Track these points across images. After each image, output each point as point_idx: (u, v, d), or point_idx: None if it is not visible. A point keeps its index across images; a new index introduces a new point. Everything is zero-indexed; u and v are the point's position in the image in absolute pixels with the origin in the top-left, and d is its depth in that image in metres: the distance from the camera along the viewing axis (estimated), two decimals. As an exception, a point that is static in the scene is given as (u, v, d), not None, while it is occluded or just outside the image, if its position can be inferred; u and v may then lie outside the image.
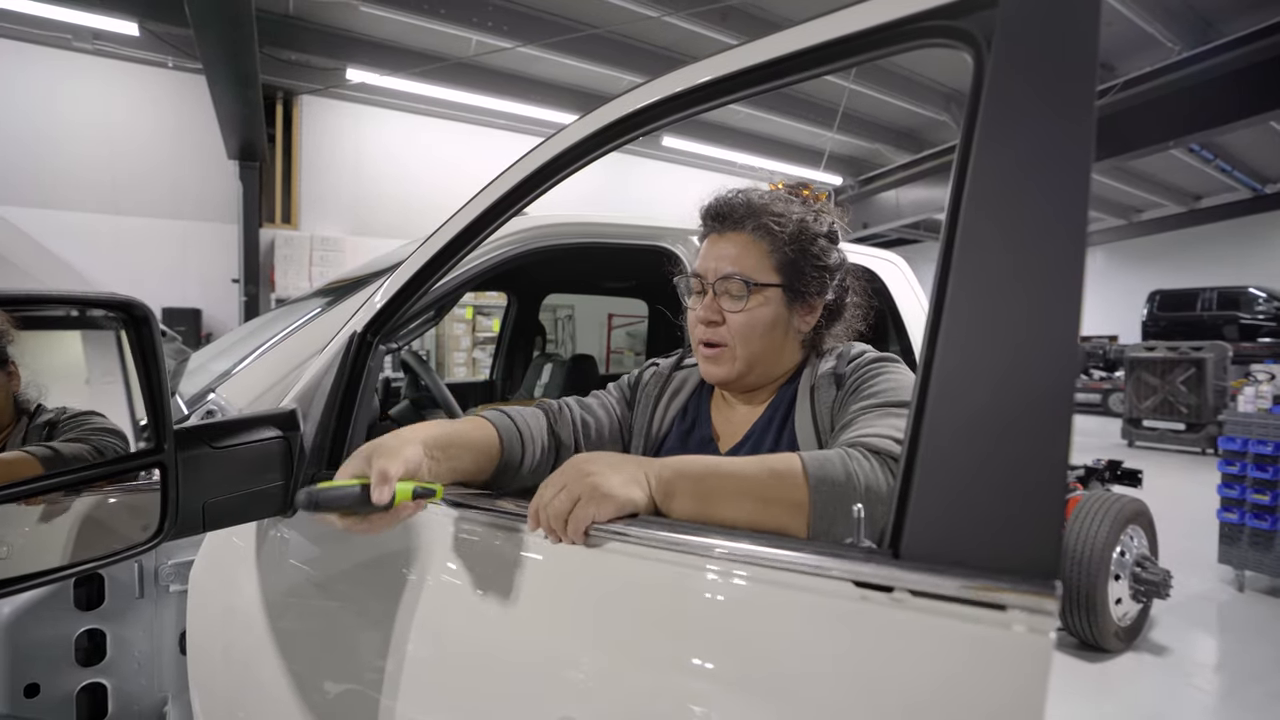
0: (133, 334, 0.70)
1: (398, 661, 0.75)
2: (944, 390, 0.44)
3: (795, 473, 0.59)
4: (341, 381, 0.94)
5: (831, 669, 0.44)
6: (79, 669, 0.98)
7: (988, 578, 0.39)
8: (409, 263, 0.94)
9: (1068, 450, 0.39)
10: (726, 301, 0.82)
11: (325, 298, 1.50)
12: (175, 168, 5.30)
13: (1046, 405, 0.40)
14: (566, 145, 0.80)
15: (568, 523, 0.57)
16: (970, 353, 0.44)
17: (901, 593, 0.42)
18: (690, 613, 0.52)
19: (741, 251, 0.83)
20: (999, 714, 0.37)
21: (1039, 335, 0.41)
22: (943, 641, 0.40)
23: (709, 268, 0.84)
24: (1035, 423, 0.40)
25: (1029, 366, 0.41)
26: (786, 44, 0.61)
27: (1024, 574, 0.38)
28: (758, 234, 0.83)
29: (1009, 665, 0.38)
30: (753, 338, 0.82)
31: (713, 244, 0.86)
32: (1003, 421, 0.41)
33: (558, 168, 0.81)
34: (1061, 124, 0.45)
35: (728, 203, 0.86)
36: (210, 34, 3.37)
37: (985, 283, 0.44)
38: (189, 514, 0.78)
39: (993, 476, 0.41)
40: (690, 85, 0.69)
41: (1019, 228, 0.44)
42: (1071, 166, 0.43)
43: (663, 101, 0.72)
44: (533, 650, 0.61)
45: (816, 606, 0.46)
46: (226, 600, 1.00)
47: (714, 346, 0.84)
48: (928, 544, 0.42)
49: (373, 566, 0.84)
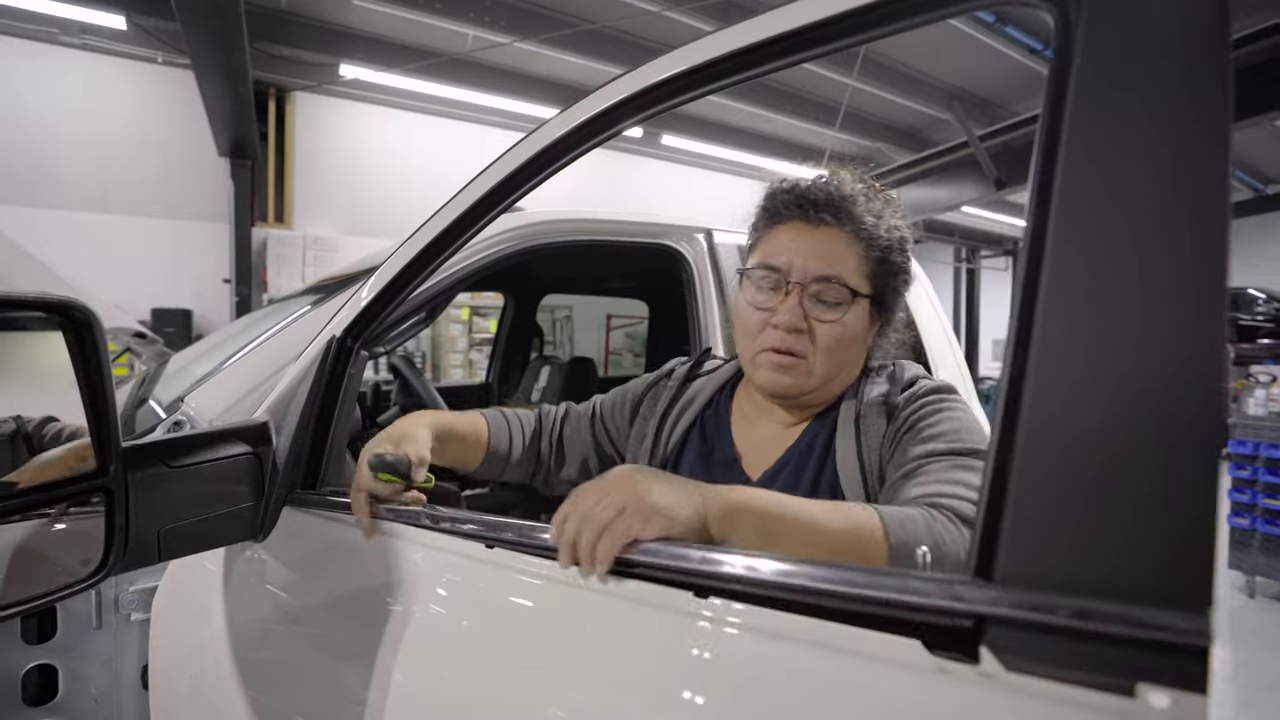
0: (73, 339, 0.62)
1: (380, 698, 0.66)
2: (1040, 416, 0.35)
3: (875, 530, 0.51)
4: (319, 390, 0.85)
5: None
6: (26, 709, 0.89)
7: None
8: (390, 263, 0.86)
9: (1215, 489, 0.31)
10: (817, 307, 0.71)
11: (315, 295, 1.42)
12: (165, 165, 5.20)
13: (1182, 434, 0.32)
14: (559, 134, 0.72)
15: (601, 538, 0.48)
16: (1078, 370, 0.35)
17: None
18: (686, 657, 0.43)
19: (840, 252, 0.71)
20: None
21: (1171, 335, 0.33)
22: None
23: (795, 264, 0.71)
24: (1170, 461, 0.31)
25: (1158, 380, 0.33)
26: (828, 6, 0.52)
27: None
28: (855, 234, 0.72)
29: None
30: (839, 353, 0.71)
31: (799, 235, 0.73)
32: (1122, 461, 0.33)
33: (550, 159, 0.74)
34: (1184, 90, 0.36)
35: (820, 190, 0.74)
36: (197, 27, 3.27)
37: (1099, 277, 0.36)
38: (142, 542, 0.69)
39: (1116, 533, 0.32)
40: (731, 49, 0.60)
41: (1131, 220, 0.36)
42: (1202, 138, 0.35)
43: (710, 62, 0.62)
44: (518, 684, 0.54)
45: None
46: (194, 630, 0.91)
47: (787, 354, 0.71)
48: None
49: (351, 594, 0.76)
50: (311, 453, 0.84)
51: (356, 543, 0.74)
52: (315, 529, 0.81)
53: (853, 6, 0.50)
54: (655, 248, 1.63)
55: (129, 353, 2.20)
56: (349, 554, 0.76)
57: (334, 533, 0.78)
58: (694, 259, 1.62)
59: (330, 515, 0.79)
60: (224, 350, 1.33)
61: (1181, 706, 0.29)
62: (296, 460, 0.83)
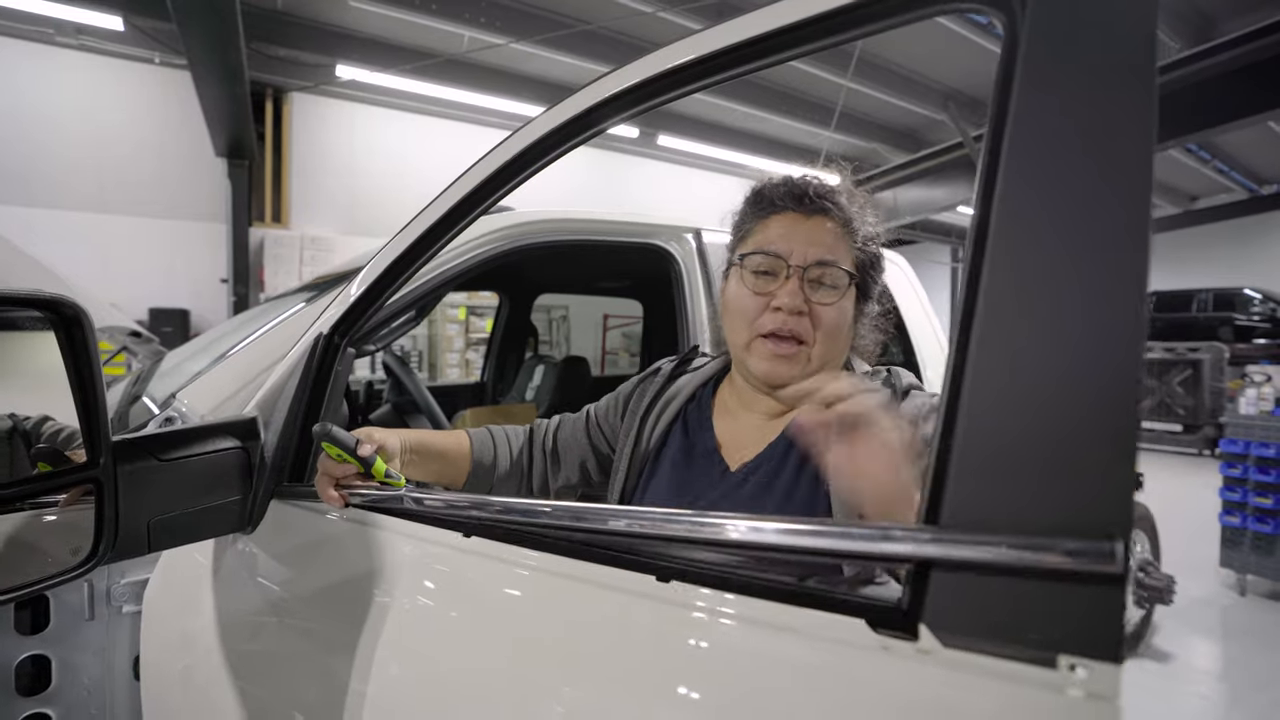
0: (63, 336, 0.63)
1: (366, 687, 0.68)
2: (977, 407, 0.37)
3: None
4: (306, 386, 0.87)
5: None
6: (20, 699, 0.91)
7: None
8: (376, 260, 0.87)
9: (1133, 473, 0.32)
10: (818, 290, 0.72)
11: (308, 293, 1.44)
12: (162, 165, 5.21)
13: (1100, 423, 0.34)
14: (538, 136, 0.74)
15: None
16: (1011, 362, 0.37)
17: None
18: (682, 664, 0.45)
19: (834, 239, 0.74)
20: None
21: (1095, 333, 0.35)
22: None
23: (793, 250, 0.73)
24: (1090, 450, 0.33)
25: (1082, 373, 0.35)
26: (795, 11, 0.54)
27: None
28: (843, 226, 0.75)
29: None
30: (838, 336, 0.74)
31: (796, 223, 0.75)
32: (1055, 446, 0.35)
33: (530, 160, 0.76)
34: (1115, 94, 0.38)
35: (809, 184, 0.77)
36: (194, 27, 3.28)
37: (1032, 282, 0.38)
38: (132, 533, 0.71)
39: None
40: (713, 50, 0.62)
41: (1068, 216, 0.38)
42: (1128, 140, 0.37)
43: (689, 63, 0.64)
44: (505, 674, 0.55)
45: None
46: (185, 622, 0.93)
47: (788, 341, 0.72)
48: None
49: (341, 586, 0.78)
50: (299, 447, 0.86)
51: (342, 534, 0.76)
52: (302, 521, 0.83)
53: (809, 15, 0.52)
54: (645, 247, 1.64)
55: (125, 352, 2.22)
56: (335, 545, 0.77)
57: (320, 525, 0.80)
58: (683, 258, 1.64)
59: (317, 508, 0.80)
60: (217, 348, 1.34)
61: (1096, 676, 0.31)
62: (284, 455, 0.85)
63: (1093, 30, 0.40)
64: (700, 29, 0.63)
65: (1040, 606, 0.33)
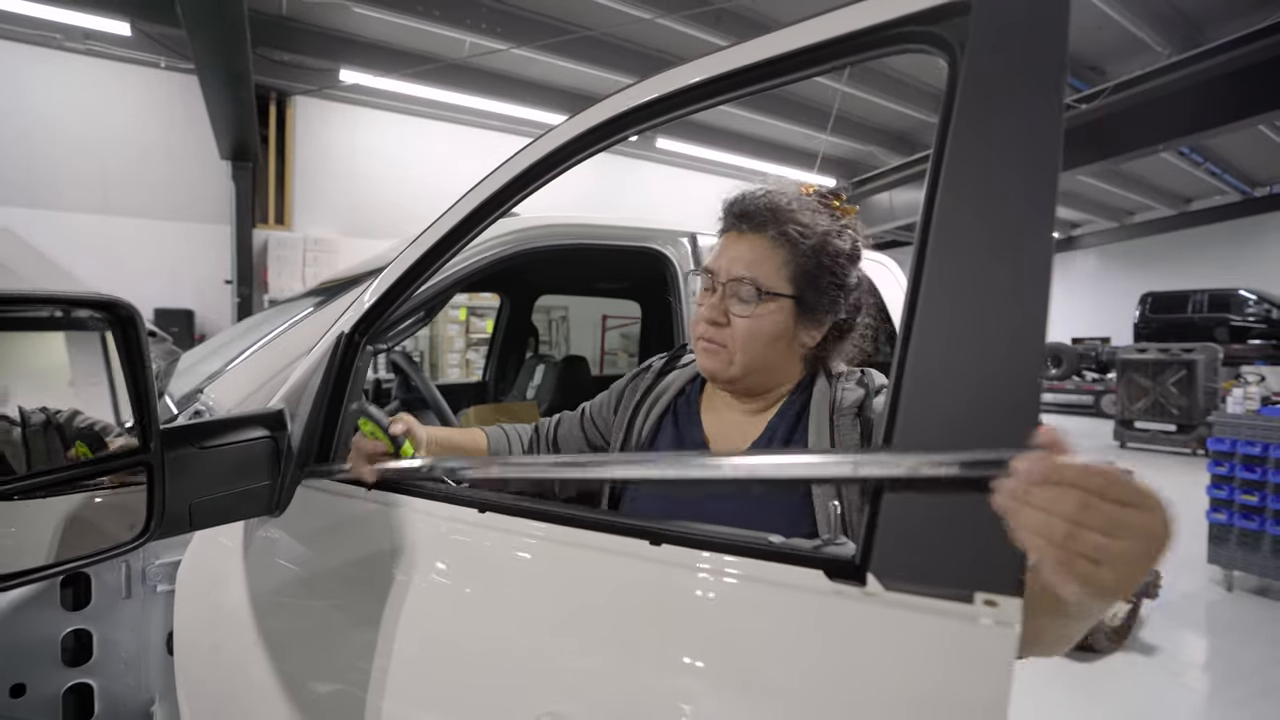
0: (118, 334, 0.71)
1: (387, 659, 0.75)
2: (919, 389, 0.45)
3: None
4: (329, 381, 0.94)
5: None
6: (65, 669, 0.98)
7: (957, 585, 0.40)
8: (397, 263, 0.94)
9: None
10: (734, 304, 0.80)
11: (317, 298, 1.50)
12: (167, 168, 5.28)
13: (1016, 399, 0.41)
14: (556, 145, 0.80)
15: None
16: (945, 350, 0.44)
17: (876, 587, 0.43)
18: (677, 611, 0.52)
19: (758, 256, 0.80)
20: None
21: (1009, 329, 0.42)
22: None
23: (721, 266, 0.81)
24: (1005, 416, 0.41)
25: (1000, 361, 0.42)
26: (772, 47, 0.62)
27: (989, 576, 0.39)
28: (777, 241, 0.80)
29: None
30: (754, 345, 0.80)
31: (730, 243, 0.83)
32: (974, 418, 0.42)
33: (547, 167, 0.81)
34: (1031, 125, 0.46)
35: (753, 201, 0.82)
36: (203, 34, 3.36)
37: (959, 280, 0.45)
38: (175, 513, 0.78)
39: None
40: (678, 87, 0.70)
41: (990, 227, 0.45)
42: (1040, 167, 0.44)
43: (651, 103, 0.72)
44: (520, 647, 0.62)
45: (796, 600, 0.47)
46: (214, 600, 1.00)
47: (712, 342, 0.82)
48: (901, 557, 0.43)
49: (361, 565, 0.85)
50: (322, 437, 0.93)
51: (362, 516, 0.84)
52: (326, 505, 0.90)
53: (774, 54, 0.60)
54: (642, 250, 1.71)
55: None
56: (358, 525, 0.85)
57: (343, 508, 0.87)
58: (678, 261, 1.71)
59: (340, 491, 0.88)
60: (230, 350, 1.41)
61: (1003, 608, 0.38)
62: (309, 444, 0.92)
63: (1014, 72, 0.48)
64: (701, 36, 0.70)
65: (961, 556, 0.41)
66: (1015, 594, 0.38)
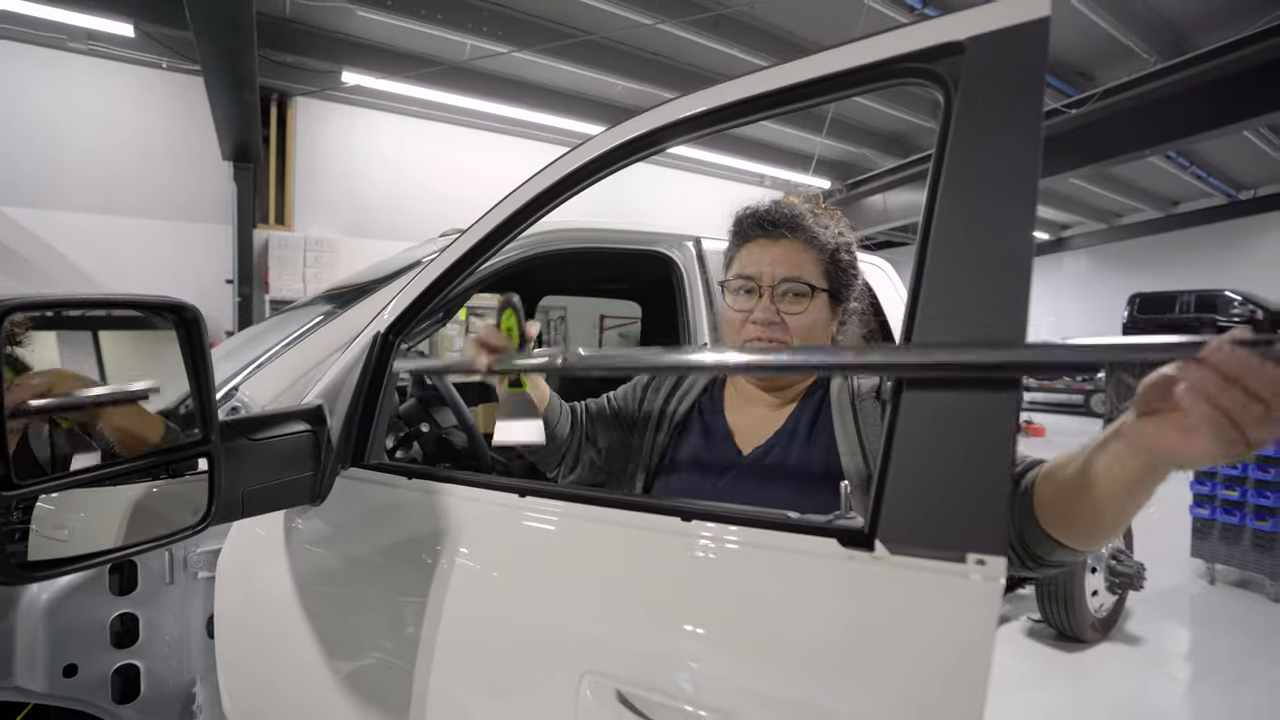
0: (183, 333, 0.77)
1: (413, 640, 0.81)
2: (916, 387, 0.52)
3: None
4: (365, 379, 1.00)
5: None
6: (113, 651, 1.04)
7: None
8: (433, 267, 1.00)
9: (1014, 436, 0.47)
10: (786, 303, 0.87)
11: (329, 304, 1.54)
12: (169, 169, 5.31)
13: (997, 392, 0.48)
14: (591, 156, 0.84)
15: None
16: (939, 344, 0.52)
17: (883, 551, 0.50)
18: (706, 577, 0.59)
19: (799, 259, 0.88)
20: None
21: (995, 326, 0.49)
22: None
23: (764, 271, 0.88)
24: (988, 408, 0.48)
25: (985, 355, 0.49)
26: (784, 77, 0.69)
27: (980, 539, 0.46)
28: (808, 244, 0.88)
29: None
30: (810, 339, 0.87)
31: (762, 249, 0.89)
32: (961, 409, 0.49)
33: (580, 177, 0.85)
34: (1014, 150, 0.53)
35: (775, 211, 0.90)
36: (210, 38, 3.39)
37: (953, 283, 0.52)
38: (230, 501, 0.84)
39: (954, 459, 0.49)
40: (704, 109, 0.76)
41: (980, 236, 0.53)
42: (1022, 185, 0.52)
43: (680, 121, 0.77)
44: (561, 616, 0.68)
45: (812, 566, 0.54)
46: (252, 586, 1.06)
47: (772, 342, 0.86)
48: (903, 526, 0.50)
49: (391, 552, 0.91)
50: (360, 432, 0.99)
51: (397, 505, 0.90)
52: (365, 494, 0.96)
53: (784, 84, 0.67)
54: (649, 254, 1.78)
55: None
56: (400, 513, 0.91)
57: (382, 496, 0.94)
58: (684, 264, 1.78)
59: (380, 482, 0.94)
60: (243, 354, 1.42)
61: (990, 565, 0.46)
62: (348, 438, 0.98)
63: (1001, 104, 0.55)
64: (696, 38, 0.77)
65: (954, 523, 0.48)
66: (999, 554, 0.46)
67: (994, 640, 0.44)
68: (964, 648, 0.45)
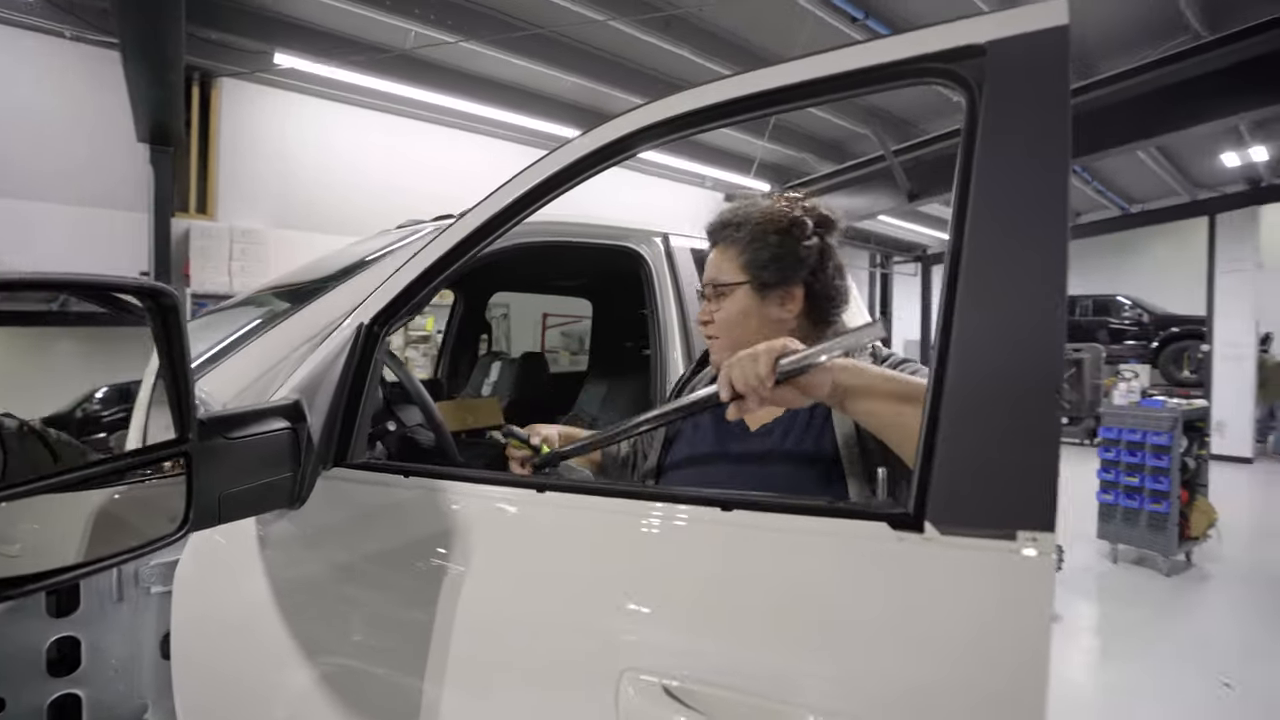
0: (158, 322, 0.69)
1: (396, 663, 0.77)
2: (957, 375, 0.54)
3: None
4: (349, 372, 0.94)
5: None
6: (50, 680, 0.93)
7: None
8: (417, 260, 0.96)
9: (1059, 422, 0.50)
10: (715, 303, 1.00)
11: (282, 301, 1.44)
12: (75, 148, 4.78)
13: (1038, 381, 0.51)
14: (579, 155, 0.86)
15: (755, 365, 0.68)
16: (977, 344, 0.54)
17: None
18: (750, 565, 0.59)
19: (715, 261, 1.01)
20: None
21: (1032, 321, 0.52)
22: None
23: (705, 277, 1.03)
24: (1032, 398, 0.51)
25: (1024, 350, 0.52)
26: (809, 71, 0.70)
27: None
28: (725, 244, 1.00)
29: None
30: (730, 329, 0.98)
31: (712, 257, 1.03)
32: (1005, 400, 0.51)
33: (567, 177, 0.88)
34: (1043, 147, 0.56)
35: (713, 219, 1.05)
36: (132, 10, 3.08)
37: (989, 280, 0.55)
38: (206, 505, 0.77)
39: (1001, 447, 0.51)
40: (710, 102, 0.77)
41: (1013, 233, 0.55)
42: (1052, 180, 0.55)
43: (680, 116, 0.78)
44: (595, 613, 0.66)
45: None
46: (215, 601, 0.98)
47: (711, 339, 1.03)
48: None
49: (393, 557, 0.86)
50: (343, 427, 0.93)
51: (395, 506, 0.85)
52: (352, 496, 0.90)
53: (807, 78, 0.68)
54: (618, 249, 1.78)
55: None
56: (398, 514, 0.86)
57: (373, 497, 0.88)
58: (652, 259, 1.79)
59: (368, 482, 0.89)
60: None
61: (1040, 541, 0.48)
62: (330, 435, 0.92)
63: (1028, 106, 0.58)
64: (647, 37, 0.77)
65: (1004, 502, 0.50)
66: (1050, 530, 0.48)
67: (1051, 613, 0.46)
68: (1021, 622, 0.47)
